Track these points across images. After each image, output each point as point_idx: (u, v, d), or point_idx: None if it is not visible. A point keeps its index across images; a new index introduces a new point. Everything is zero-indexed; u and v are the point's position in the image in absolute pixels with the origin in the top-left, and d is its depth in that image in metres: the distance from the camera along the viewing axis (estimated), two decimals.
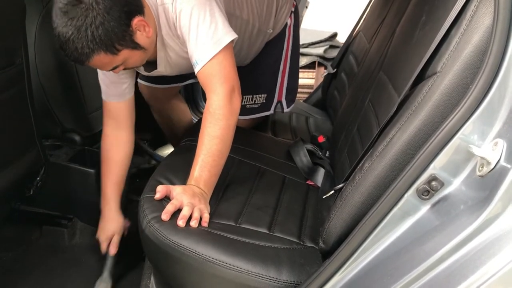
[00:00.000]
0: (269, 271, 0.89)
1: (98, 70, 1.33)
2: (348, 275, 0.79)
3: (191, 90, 2.25)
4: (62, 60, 1.69)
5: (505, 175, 0.62)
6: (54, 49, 1.64)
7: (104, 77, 1.35)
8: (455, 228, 0.67)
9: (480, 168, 0.67)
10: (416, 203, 0.73)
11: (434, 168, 0.71)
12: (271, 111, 1.66)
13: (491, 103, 0.67)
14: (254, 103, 1.60)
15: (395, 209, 0.74)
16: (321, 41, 3.26)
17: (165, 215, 0.99)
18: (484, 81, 0.67)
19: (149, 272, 1.31)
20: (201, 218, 1.01)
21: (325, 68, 2.47)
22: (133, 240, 1.26)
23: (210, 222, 1.02)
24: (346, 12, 2.49)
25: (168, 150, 2.06)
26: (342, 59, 1.94)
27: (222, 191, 1.16)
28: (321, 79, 2.13)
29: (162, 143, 2.13)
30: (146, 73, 1.39)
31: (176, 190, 1.05)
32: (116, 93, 1.37)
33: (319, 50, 3.19)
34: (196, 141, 1.14)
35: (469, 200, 0.68)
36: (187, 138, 1.41)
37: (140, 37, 1.11)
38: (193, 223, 0.99)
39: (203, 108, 1.75)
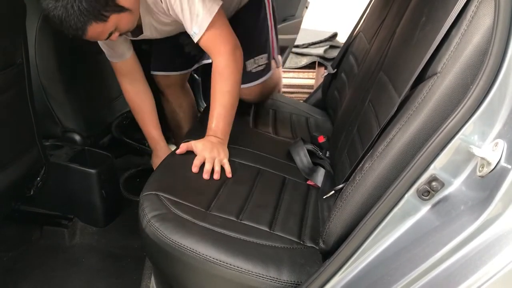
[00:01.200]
0: (269, 271, 0.89)
1: None
2: (349, 276, 0.79)
3: (191, 90, 2.25)
4: (63, 60, 1.69)
5: (505, 175, 0.62)
6: (55, 49, 1.65)
7: (102, 43, 1.50)
8: (456, 229, 0.67)
9: (481, 169, 0.67)
10: (417, 203, 0.73)
11: (435, 168, 0.71)
12: (271, 72, 1.71)
13: (492, 103, 0.67)
14: (258, 66, 1.67)
15: (395, 209, 0.74)
16: (321, 41, 3.27)
17: (195, 168, 1.19)
18: (485, 82, 0.67)
19: (149, 272, 1.31)
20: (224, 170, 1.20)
21: (325, 68, 2.47)
22: None
23: (211, 216, 1.03)
24: (346, 12, 2.49)
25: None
26: (342, 59, 1.94)
27: (222, 187, 1.16)
28: (321, 79, 2.14)
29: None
30: (133, 38, 1.50)
31: (198, 146, 1.24)
32: (117, 53, 1.54)
33: (319, 50, 3.20)
34: None
35: (470, 201, 0.68)
36: (187, 139, 1.41)
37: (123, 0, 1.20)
38: (216, 176, 1.18)
39: (203, 108, 1.76)
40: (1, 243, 1.56)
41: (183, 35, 1.55)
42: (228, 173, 1.21)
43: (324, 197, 1.14)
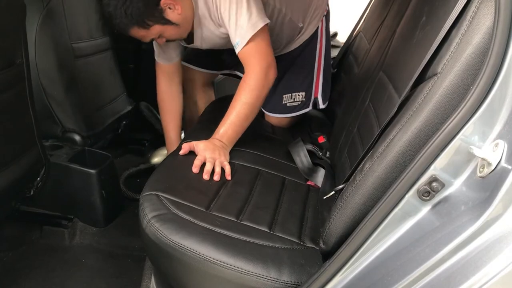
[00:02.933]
0: (269, 272, 0.89)
1: None
2: (349, 276, 0.79)
3: None
4: (62, 60, 1.69)
5: (505, 176, 0.62)
6: (55, 49, 1.65)
7: (155, 42, 1.56)
8: (456, 229, 0.67)
9: (481, 169, 0.67)
10: (417, 204, 0.73)
11: (435, 169, 0.71)
12: (310, 108, 1.76)
13: (492, 104, 0.67)
14: (294, 101, 1.72)
15: (395, 210, 0.74)
16: None
17: (195, 168, 1.20)
18: (485, 82, 0.67)
19: (149, 272, 1.31)
20: (224, 172, 1.21)
21: None
22: None
23: (211, 216, 1.03)
24: (346, 12, 2.49)
25: (164, 154, 2.06)
26: (342, 59, 1.94)
27: (222, 188, 1.16)
28: None
29: (162, 143, 2.13)
30: (185, 45, 1.63)
31: (199, 146, 1.26)
32: (164, 56, 1.66)
33: None
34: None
35: (470, 201, 0.68)
36: (187, 139, 1.41)
37: (171, 14, 1.32)
38: (216, 177, 1.18)
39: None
40: (1, 243, 1.56)
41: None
42: (228, 175, 1.21)
43: (324, 197, 1.14)
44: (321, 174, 1.32)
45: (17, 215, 1.60)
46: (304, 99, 1.73)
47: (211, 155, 1.23)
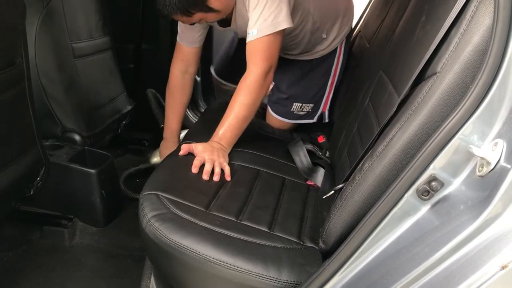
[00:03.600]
0: (269, 271, 0.89)
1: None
2: (348, 275, 0.79)
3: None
4: (62, 60, 1.70)
5: (505, 175, 0.62)
6: (54, 49, 1.65)
7: (181, 23, 1.56)
8: (455, 228, 0.67)
9: (480, 168, 0.67)
10: (416, 203, 0.73)
11: (434, 168, 0.71)
12: (314, 120, 1.76)
13: (491, 103, 0.67)
14: (302, 111, 1.74)
15: (395, 209, 0.74)
16: None
17: (195, 169, 1.19)
18: (484, 81, 0.67)
19: (149, 272, 1.31)
20: (223, 173, 1.20)
21: None
22: None
23: (211, 216, 1.03)
24: None
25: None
26: None
27: (222, 187, 1.16)
28: None
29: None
30: (220, 29, 1.61)
31: (198, 148, 1.26)
32: (189, 39, 1.63)
33: None
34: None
35: (469, 200, 0.68)
36: (187, 139, 1.41)
37: (214, 2, 1.31)
38: (216, 178, 1.18)
39: (203, 108, 1.77)
40: (1, 243, 1.56)
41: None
42: (227, 176, 1.21)
43: (324, 197, 1.14)
44: (320, 174, 1.32)
45: (17, 215, 1.60)
46: (310, 110, 1.74)
47: (210, 156, 1.22)
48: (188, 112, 2.23)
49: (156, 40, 2.22)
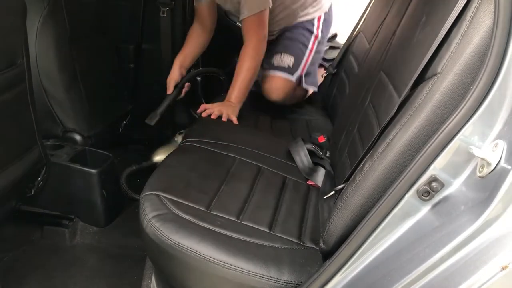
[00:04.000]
0: (270, 272, 0.90)
1: None
2: (349, 276, 0.79)
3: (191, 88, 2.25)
4: (63, 60, 1.70)
5: (505, 176, 0.62)
6: (55, 49, 1.65)
7: None
8: (456, 229, 0.67)
9: (481, 169, 0.67)
10: (417, 204, 0.73)
11: (435, 169, 0.71)
12: (293, 79, 1.93)
13: (492, 104, 0.67)
14: (282, 62, 1.94)
15: (395, 210, 0.74)
16: None
17: (205, 113, 1.63)
18: (485, 82, 0.67)
19: (149, 272, 1.31)
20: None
21: (325, 69, 2.49)
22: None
23: (211, 216, 1.03)
24: (346, 13, 2.49)
25: (170, 149, 2.06)
26: (342, 59, 1.94)
27: (223, 186, 1.16)
28: (321, 80, 2.14)
29: (162, 143, 2.14)
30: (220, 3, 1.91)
31: (213, 105, 1.67)
32: None
33: None
34: (195, 142, 1.28)
35: (470, 201, 0.68)
36: (187, 139, 1.41)
37: None
38: (224, 117, 1.60)
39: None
40: (1, 243, 1.56)
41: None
42: (235, 121, 1.58)
43: (324, 197, 1.14)
44: (321, 174, 1.32)
45: (17, 215, 1.60)
46: (291, 66, 1.93)
47: (219, 108, 1.61)
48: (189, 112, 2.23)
49: (156, 40, 2.22)
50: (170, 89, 1.89)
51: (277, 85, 1.92)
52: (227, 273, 0.90)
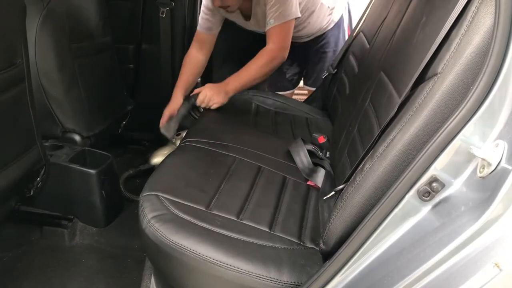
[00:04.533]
0: (269, 272, 0.89)
1: (202, 5, 1.89)
2: (349, 277, 0.79)
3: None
4: (62, 60, 1.69)
5: (506, 176, 0.62)
6: (55, 49, 1.65)
7: (202, 13, 1.89)
8: (456, 229, 0.66)
9: (481, 170, 0.67)
10: (417, 204, 0.73)
11: (435, 169, 0.71)
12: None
13: (492, 104, 0.67)
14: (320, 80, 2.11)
15: (395, 210, 0.74)
16: None
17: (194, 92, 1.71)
18: (485, 83, 0.67)
19: (149, 273, 1.31)
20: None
21: None
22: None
23: (211, 216, 1.02)
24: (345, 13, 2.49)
25: (167, 151, 2.06)
26: (342, 59, 1.94)
27: (223, 185, 1.16)
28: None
29: (162, 143, 2.14)
30: (242, 25, 2.01)
31: (205, 85, 1.69)
32: (205, 27, 1.91)
33: None
34: (195, 142, 1.27)
35: (470, 202, 0.67)
36: (187, 139, 1.41)
37: None
38: (204, 104, 1.67)
39: (202, 109, 1.78)
40: (1, 243, 1.56)
41: (285, 64, 2.16)
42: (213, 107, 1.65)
43: (324, 198, 1.14)
44: (321, 174, 1.32)
45: (17, 215, 1.60)
46: (323, 77, 2.08)
47: (207, 92, 1.64)
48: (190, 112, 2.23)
49: (156, 40, 2.22)
50: (164, 120, 1.82)
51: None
52: (226, 274, 0.90)
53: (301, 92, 3.17)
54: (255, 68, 1.67)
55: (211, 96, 1.64)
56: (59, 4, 1.64)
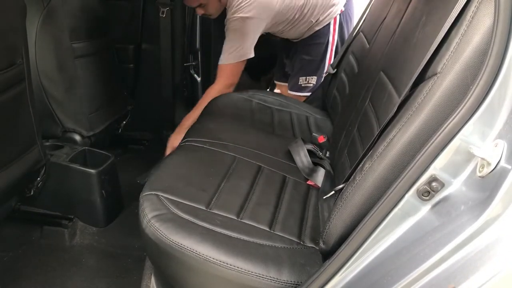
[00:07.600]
0: (269, 272, 0.89)
1: None
2: (349, 276, 0.79)
3: (190, 90, 2.25)
4: (63, 60, 1.70)
5: (505, 176, 0.62)
6: (55, 49, 1.65)
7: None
8: (456, 229, 0.67)
9: (481, 169, 0.67)
10: (417, 203, 0.73)
11: (435, 168, 0.71)
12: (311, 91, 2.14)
13: (492, 104, 0.67)
14: (308, 83, 2.14)
15: (395, 209, 0.74)
16: None
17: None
18: (485, 82, 0.67)
19: (149, 272, 1.31)
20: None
21: None
22: None
23: (211, 215, 1.03)
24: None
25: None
26: (342, 59, 1.94)
27: (223, 184, 1.16)
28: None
29: (162, 143, 2.14)
30: None
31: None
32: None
33: None
34: (195, 142, 1.28)
35: (470, 201, 0.68)
36: (187, 138, 1.41)
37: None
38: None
39: None
40: (1, 243, 1.56)
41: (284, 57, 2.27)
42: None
43: (324, 197, 1.14)
44: (321, 174, 1.32)
45: (17, 215, 1.60)
46: (315, 83, 2.12)
47: (171, 144, 1.81)
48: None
49: (156, 40, 2.22)
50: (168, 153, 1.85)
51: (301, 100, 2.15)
52: (226, 273, 0.90)
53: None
54: (203, 106, 1.74)
55: (172, 142, 1.81)
56: (59, 4, 1.65)
